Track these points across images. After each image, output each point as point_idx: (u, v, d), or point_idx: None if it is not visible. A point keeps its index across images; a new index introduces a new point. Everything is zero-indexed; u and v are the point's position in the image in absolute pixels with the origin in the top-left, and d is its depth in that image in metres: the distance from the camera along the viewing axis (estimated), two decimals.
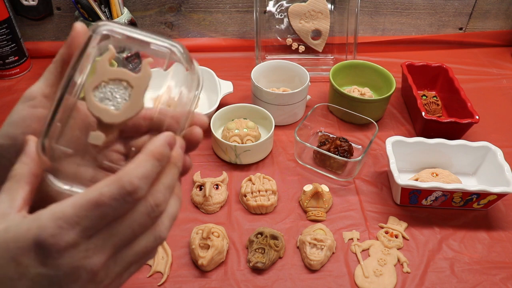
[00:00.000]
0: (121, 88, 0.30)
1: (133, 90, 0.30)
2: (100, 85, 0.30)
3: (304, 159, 0.76)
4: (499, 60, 1.04)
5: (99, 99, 0.29)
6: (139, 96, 0.30)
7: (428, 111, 0.84)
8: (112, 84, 0.30)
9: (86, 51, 0.29)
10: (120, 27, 0.30)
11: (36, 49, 0.99)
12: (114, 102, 0.29)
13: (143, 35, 0.30)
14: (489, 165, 0.70)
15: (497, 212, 0.69)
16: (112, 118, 0.29)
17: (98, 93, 0.29)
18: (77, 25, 0.30)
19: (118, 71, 0.30)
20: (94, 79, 0.29)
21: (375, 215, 0.68)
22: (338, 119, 0.84)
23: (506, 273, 0.60)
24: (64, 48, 0.31)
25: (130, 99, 0.29)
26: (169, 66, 0.31)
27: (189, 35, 1.04)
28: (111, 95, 0.30)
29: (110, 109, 0.29)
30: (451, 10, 1.04)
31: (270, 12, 0.96)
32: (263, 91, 0.80)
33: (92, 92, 0.29)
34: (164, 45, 0.30)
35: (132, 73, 0.30)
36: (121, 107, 0.29)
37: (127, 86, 0.30)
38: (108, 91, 0.30)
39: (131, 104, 0.29)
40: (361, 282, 0.58)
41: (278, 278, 0.59)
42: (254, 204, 0.66)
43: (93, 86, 0.29)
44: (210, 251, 0.58)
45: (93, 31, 0.30)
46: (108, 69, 0.30)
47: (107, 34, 0.30)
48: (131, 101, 0.29)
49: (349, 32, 0.97)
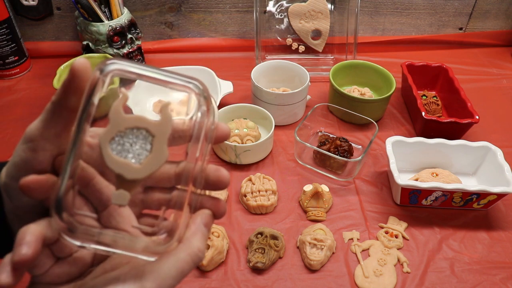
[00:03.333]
0: (141, 138, 0.26)
1: (155, 139, 0.26)
2: (117, 137, 0.26)
3: (304, 159, 0.76)
4: (499, 60, 1.04)
5: (117, 152, 0.26)
6: (162, 145, 0.26)
7: (428, 111, 0.84)
8: (130, 134, 0.26)
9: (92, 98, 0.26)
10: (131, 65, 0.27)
11: (36, 49, 0.99)
12: (135, 154, 0.26)
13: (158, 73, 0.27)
14: (489, 165, 0.70)
15: (497, 212, 0.69)
16: (135, 174, 0.26)
17: (115, 146, 0.26)
18: (76, 64, 0.27)
19: (135, 119, 0.26)
20: (108, 129, 0.26)
21: (375, 215, 0.68)
22: (338, 119, 0.84)
23: (506, 273, 0.60)
24: (60, 89, 0.27)
25: (152, 150, 0.26)
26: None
27: (189, 35, 1.04)
28: (130, 146, 0.26)
29: (131, 163, 0.26)
30: (451, 10, 1.04)
31: (270, 12, 0.96)
32: (263, 91, 0.80)
33: (109, 145, 0.26)
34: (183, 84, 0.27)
35: (150, 119, 0.27)
36: (143, 160, 0.26)
37: (147, 134, 0.26)
38: (126, 142, 0.26)
39: (154, 156, 0.26)
40: (361, 282, 0.58)
41: (278, 278, 0.59)
42: (254, 204, 0.66)
43: (109, 138, 0.26)
44: (210, 251, 0.58)
45: (100, 70, 0.26)
46: (123, 117, 0.26)
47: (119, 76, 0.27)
48: (154, 152, 0.26)
49: (349, 32, 0.97)
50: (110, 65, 0.26)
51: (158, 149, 0.26)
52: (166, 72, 0.27)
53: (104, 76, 0.26)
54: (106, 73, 0.26)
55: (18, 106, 0.87)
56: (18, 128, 0.82)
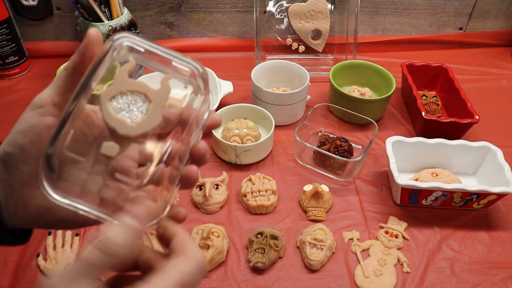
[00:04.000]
0: (139, 101, 0.29)
1: (151, 105, 0.29)
2: (118, 96, 0.29)
3: (304, 159, 0.76)
4: (499, 60, 1.04)
5: (115, 109, 0.28)
6: (157, 111, 0.29)
7: (428, 111, 0.84)
8: (130, 96, 0.29)
9: (105, 60, 0.28)
10: (140, 40, 0.29)
11: (36, 49, 0.99)
12: (131, 114, 0.28)
13: (164, 51, 0.30)
14: (489, 165, 0.70)
15: (497, 212, 0.69)
16: (127, 130, 0.28)
17: (115, 104, 0.28)
18: (92, 32, 0.29)
19: (137, 84, 0.29)
20: (111, 88, 0.28)
21: (375, 215, 0.68)
22: (338, 119, 0.84)
23: (506, 273, 0.60)
24: (76, 55, 0.29)
25: (147, 113, 0.29)
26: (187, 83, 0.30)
27: (189, 35, 1.04)
28: (128, 107, 0.29)
29: (126, 121, 0.28)
30: (451, 10, 1.04)
31: (270, 12, 0.96)
32: (263, 91, 0.80)
33: (109, 102, 0.28)
34: (185, 64, 0.30)
35: (151, 87, 0.29)
36: (138, 120, 0.28)
37: (145, 99, 0.29)
38: (125, 102, 0.29)
39: (148, 118, 0.28)
40: (361, 282, 0.58)
41: (278, 278, 0.59)
42: (254, 204, 0.66)
43: (110, 96, 0.28)
44: (210, 251, 0.58)
45: (113, 40, 0.29)
46: (127, 80, 0.29)
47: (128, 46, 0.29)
48: (149, 115, 0.28)
49: (349, 32, 0.97)
50: (123, 37, 0.29)
51: (153, 113, 0.29)
52: (172, 51, 0.30)
53: (116, 45, 0.29)
54: (117, 43, 0.29)
55: (18, 106, 0.87)
56: None
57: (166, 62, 0.30)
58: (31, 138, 0.29)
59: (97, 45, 0.29)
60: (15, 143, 0.30)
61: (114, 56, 0.29)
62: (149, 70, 0.31)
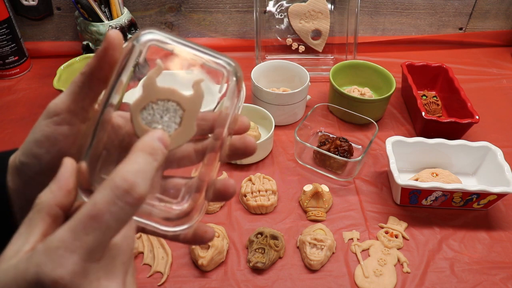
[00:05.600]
0: (171, 110, 0.27)
1: (185, 114, 0.27)
2: (148, 106, 0.26)
3: (304, 159, 0.76)
4: (499, 60, 1.04)
5: (146, 122, 0.26)
6: (191, 120, 0.27)
7: (428, 111, 0.84)
8: (161, 105, 0.26)
9: (127, 66, 0.26)
10: (167, 36, 0.27)
11: (36, 49, 0.99)
12: (164, 126, 0.26)
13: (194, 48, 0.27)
14: (489, 165, 0.70)
15: (497, 212, 0.69)
16: None
17: (145, 115, 0.26)
18: (111, 34, 0.26)
19: (168, 91, 0.26)
20: (141, 98, 0.26)
21: (375, 215, 0.68)
22: (338, 119, 0.84)
23: (506, 273, 0.60)
24: (94, 59, 0.27)
25: (181, 125, 0.27)
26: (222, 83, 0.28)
27: (189, 35, 1.04)
28: (161, 118, 0.26)
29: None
30: (451, 10, 1.04)
31: (270, 12, 0.96)
32: (263, 91, 0.80)
33: (140, 114, 0.26)
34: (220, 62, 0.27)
35: (183, 94, 0.27)
36: (172, 132, 0.26)
37: (177, 108, 0.27)
38: (157, 113, 0.26)
39: (183, 130, 0.27)
40: (361, 282, 0.58)
41: (278, 278, 0.59)
42: (254, 204, 0.66)
43: (141, 107, 0.26)
44: (210, 251, 0.58)
45: (136, 40, 0.26)
46: (157, 88, 0.26)
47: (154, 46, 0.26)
48: (183, 126, 0.27)
49: (349, 32, 0.97)
50: (146, 34, 0.26)
51: (187, 123, 0.27)
52: (202, 47, 0.27)
53: (140, 45, 0.26)
54: (142, 43, 0.26)
55: (18, 106, 0.87)
56: (18, 128, 0.82)
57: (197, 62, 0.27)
58: (47, 148, 0.28)
59: (117, 48, 0.26)
60: (31, 152, 0.28)
61: (138, 60, 0.26)
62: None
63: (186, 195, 0.28)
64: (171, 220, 0.26)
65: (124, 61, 0.26)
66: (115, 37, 0.26)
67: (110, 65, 0.27)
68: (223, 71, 0.28)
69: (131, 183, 0.22)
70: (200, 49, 0.27)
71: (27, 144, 0.29)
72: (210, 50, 0.28)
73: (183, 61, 0.28)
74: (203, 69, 0.28)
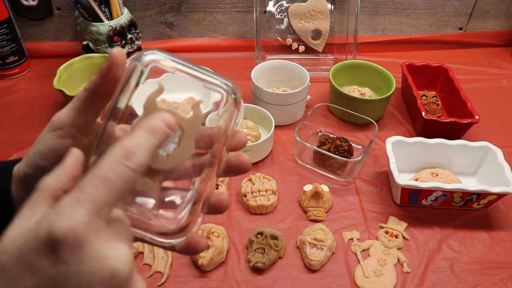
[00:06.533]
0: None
1: (184, 134, 0.28)
2: None
3: (304, 159, 0.76)
4: (499, 60, 1.04)
5: None
6: (190, 141, 0.28)
7: (428, 111, 0.84)
8: None
9: (129, 84, 0.27)
10: (168, 57, 0.28)
11: (36, 49, 0.99)
12: (163, 146, 0.27)
13: (194, 69, 0.28)
14: (489, 165, 0.70)
15: (497, 212, 0.69)
16: (161, 165, 0.27)
17: None
18: (115, 52, 0.27)
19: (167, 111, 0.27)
20: (142, 119, 0.27)
21: (375, 215, 0.68)
22: (338, 119, 0.84)
23: (506, 273, 0.60)
24: (97, 76, 0.28)
25: (180, 145, 0.28)
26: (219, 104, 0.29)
27: (189, 35, 1.04)
28: None
29: (159, 154, 0.27)
30: (451, 10, 1.04)
31: (270, 12, 0.96)
32: (263, 91, 0.80)
33: None
34: (219, 84, 0.29)
35: (182, 115, 0.28)
36: (171, 152, 0.28)
37: (176, 128, 0.28)
38: None
39: (181, 150, 0.28)
40: (361, 282, 0.58)
41: (278, 278, 0.59)
42: (254, 204, 0.66)
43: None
44: (210, 251, 0.58)
45: (138, 60, 0.27)
46: (157, 109, 0.27)
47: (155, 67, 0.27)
48: (182, 146, 0.28)
49: (349, 32, 0.97)
50: (149, 55, 0.27)
51: (185, 144, 0.28)
52: (203, 70, 0.28)
53: (142, 66, 0.27)
54: (145, 63, 0.27)
55: (18, 106, 0.87)
56: (18, 128, 0.82)
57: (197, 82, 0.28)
58: (52, 160, 0.28)
59: (120, 67, 0.27)
60: (35, 164, 0.29)
61: (139, 80, 0.27)
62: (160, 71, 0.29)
63: (183, 210, 0.29)
64: (168, 234, 0.28)
65: (126, 79, 0.27)
66: (119, 55, 0.27)
67: (113, 82, 0.28)
68: (222, 92, 0.29)
69: (130, 152, 0.23)
70: (200, 71, 0.29)
71: (31, 156, 0.29)
72: (210, 71, 0.29)
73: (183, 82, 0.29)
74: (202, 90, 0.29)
